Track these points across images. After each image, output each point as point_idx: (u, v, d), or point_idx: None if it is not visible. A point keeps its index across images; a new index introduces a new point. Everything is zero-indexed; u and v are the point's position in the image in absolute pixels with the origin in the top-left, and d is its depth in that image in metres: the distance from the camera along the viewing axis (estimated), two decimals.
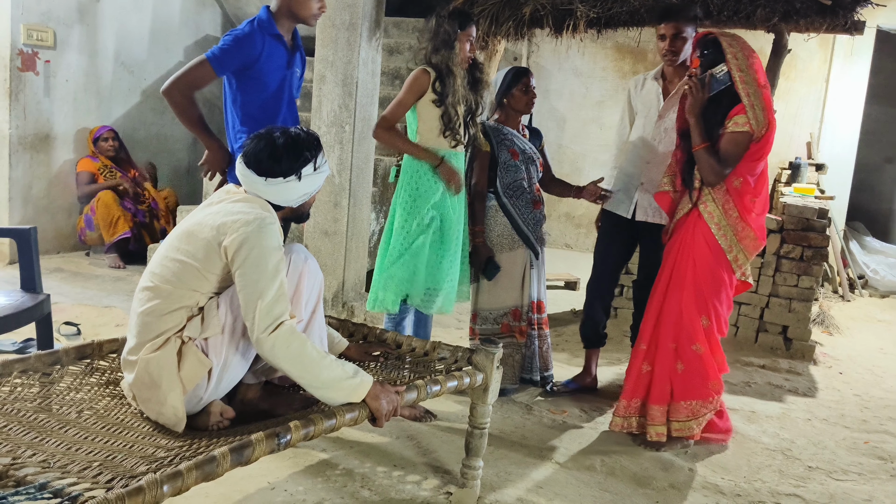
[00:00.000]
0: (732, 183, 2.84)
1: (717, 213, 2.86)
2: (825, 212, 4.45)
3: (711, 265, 2.89)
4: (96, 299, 4.50)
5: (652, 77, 3.37)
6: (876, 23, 6.21)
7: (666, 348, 2.97)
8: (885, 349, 4.91)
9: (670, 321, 2.96)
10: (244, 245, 1.98)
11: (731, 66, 2.79)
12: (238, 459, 1.66)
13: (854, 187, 6.84)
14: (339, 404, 1.99)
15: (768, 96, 2.82)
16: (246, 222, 2.01)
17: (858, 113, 6.66)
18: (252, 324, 1.95)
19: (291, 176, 2.12)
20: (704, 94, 2.83)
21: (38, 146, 5.31)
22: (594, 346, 3.64)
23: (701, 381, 2.95)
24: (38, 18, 5.14)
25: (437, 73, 3.06)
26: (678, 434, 2.99)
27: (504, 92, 3.36)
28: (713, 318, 2.93)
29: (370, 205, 4.40)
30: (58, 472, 1.62)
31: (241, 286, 1.98)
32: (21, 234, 3.17)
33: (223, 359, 2.06)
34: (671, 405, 2.99)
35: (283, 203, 2.17)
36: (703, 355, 2.93)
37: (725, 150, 2.81)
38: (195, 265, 2.03)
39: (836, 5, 3.77)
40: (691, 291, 2.92)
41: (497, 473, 2.68)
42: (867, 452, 3.19)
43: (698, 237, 2.89)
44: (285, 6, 2.86)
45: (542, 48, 7.37)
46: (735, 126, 2.80)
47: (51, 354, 2.24)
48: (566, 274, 5.95)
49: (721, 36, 2.84)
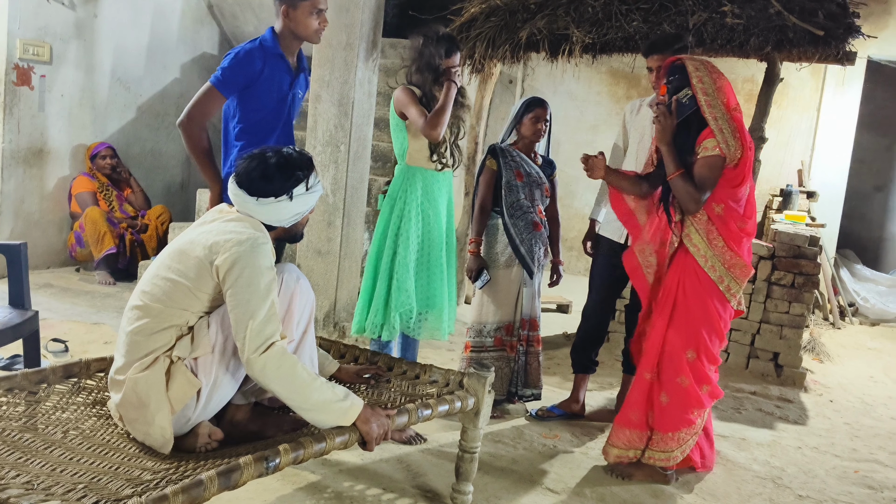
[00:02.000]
0: (714, 210, 2.78)
1: (702, 244, 2.79)
2: (816, 239, 4.47)
3: (702, 297, 2.82)
4: (85, 316, 4.47)
5: (648, 103, 3.40)
6: (867, 53, 6.29)
7: (659, 378, 2.92)
8: (876, 377, 4.92)
9: (661, 353, 2.90)
10: (236, 265, 1.97)
11: (696, 90, 2.74)
12: (225, 483, 1.65)
13: (845, 215, 6.88)
14: (329, 427, 1.97)
15: (739, 119, 2.77)
16: (238, 242, 2.00)
17: (849, 141, 6.72)
18: (243, 344, 1.94)
19: (283, 196, 2.12)
20: (672, 121, 2.79)
21: (32, 161, 5.29)
22: (585, 372, 3.61)
23: (686, 410, 2.88)
24: (35, 33, 5.14)
25: (420, 90, 3.08)
26: (660, 463, 2.91)
27: (517, 118, 3.49)
28: (701, 351, 2.85)
29: (364, 225, 4.39)
30: (42, 493, 1.60)
31: (232, 306, 1.97)
32: (10, 250, 3.14)
33: (213, 379, 2.04)
34: (661, 435, 2.91)
35: (275, 223, 2.17)
36: (689, 388, 2.86)
37: (699, 174, 2.75)
38: (186, 284, 2.02)
39: (828, 36, 3.82)
40: (680, 324, 2.85)
41: (487, 498, 2.65)
42: (857, 482, 3.18)
43: (688, 270, 2.84)
44: (287, 26, 2.87)
45: (538, 72, 7.43)
46: (705, 151, 2.75)
47: (37, 373, 2.22)
48: (558, 297, 5.94)
49: (688, 61, 2.80)
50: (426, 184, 3.17)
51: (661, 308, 2.92)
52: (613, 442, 2.99)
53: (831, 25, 3.82)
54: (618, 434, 2.98)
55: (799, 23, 3.80)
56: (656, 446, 2.91)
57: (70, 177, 5.54)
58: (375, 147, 5.21)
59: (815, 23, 3.80)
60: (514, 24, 4.37)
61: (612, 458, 3.00)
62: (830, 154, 6.76)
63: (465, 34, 4.55)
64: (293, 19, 2.84)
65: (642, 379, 2.94)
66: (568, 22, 4.20)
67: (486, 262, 3.43)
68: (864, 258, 7.34)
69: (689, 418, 2.89)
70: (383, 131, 5.67)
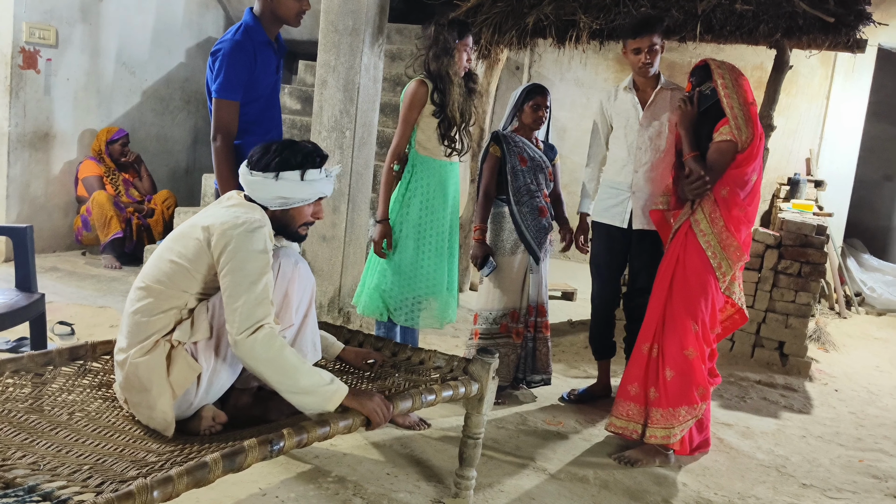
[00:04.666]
0: (720, 192, 2.96)
1: (703, 221, 2.97)
2: (823, 228, 4.45)
3: (700, 272, 2.97)
4: (91, 299, 4.48)
5: (623, 88, 3.46)
6: (877, 41, 6.22)
7: (662, 353, 3.00)
8: (881, 367, 4.90)
9: (657, 326, 3.03)
10: (228, 246, 1.98)
11: (717, 83, 2.99)
12: (230, 466, 1.65)
13: (853, 204, 6.84)
14: (313, 412, 1.97)
15: (755, 112, 3.00)
16: (234, 225, 2.02)
17: (858, 130, 6.67)
18: (231, 325, 1.94)
19: (270, 173, 2.11)
20: (693, 110, 3.05)
21: (38, 144, 5.30)
22: (605, 357, 3.66)
23: (690, 386, 2.96)
24: (41, 17, 5.13)
25: (434, 82, 3.07)
26: (660, 441, 2.97)
27: (518, 106, 3.49)
28: (700, 324, 2.98)
29: (369, 210, 4.39)
30: (47, 474, 1.61)
31: (224, 287, 1.98)
32: (17, 233, 3.15)
33: (212, 363, 2.05)
34: (661, 411, 2.98)
35: (259, 201, 2.16)
36: (694, 361, 2.96)
37: (711, 158, 2.97)
38: (185, 265, 2.04)
39: (838, 23, 3.78)
40: (682, 297, 2.98)
41: (490, 484, 2.66)
42: (862, 471, 3.18)
43: (689, 245, 2.99)
44: (267, 7, 2.81)
45: (545, 58, 7.38)
46: (720, 136, 2.97)
47: (44, 355, 2.23)
48: (563, 284, 5.93)
49: (711, 62, 3.05)
50: (433, 172, 3.16)
51: (659, 282, 3.07)
52: (614, 412, 3.11)
53: (842, 12, 3.78)
54: (617, 405, 3.10)
55: (809, 9, 3.76)
56: (657, 423, 2.98)
57: (76, 161, 5.54)
58: (381, 133, 5.19)
59: (825, 9, 3.77)
60: (520, 9, 4.34)
61: (612, 429, 3.10)
62: (839, 143, 6.71)
63: (471, 20, 4.51)
64: (275, 0, 2.78)
65: (640, 352, 3.07)
66: (575, 7, 4.16)
67: (491, 250, 3.43)
68: (872, 248, 7.30)
69: (693, 396, 2.96)
70: (389, 117, 5.64)
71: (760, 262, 4.46)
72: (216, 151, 2.76)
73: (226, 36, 2.79)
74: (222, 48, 2.74)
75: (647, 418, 3.02)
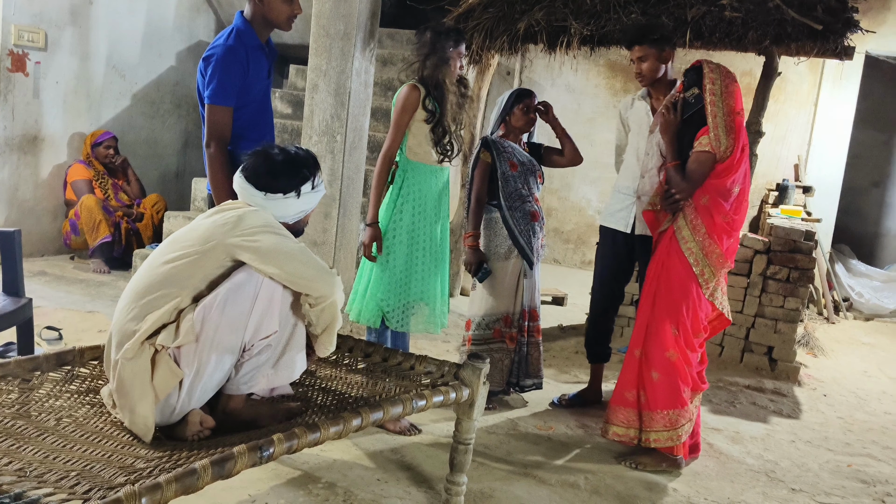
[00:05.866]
0: (700, 200, 2.95)
1: (685, 229, 2.96)
2: (812, 234, 4.47)
3: (683, 278, 2.96)
4: (80, 304, 4.45)
5: (639, 97, 3.47)
6: (865, 48, 6.28)
7: (643, 356, 3.02)
8: (869, 372, 4.93)
9: (645, 330, 3.03)
10: (261, 238, 2.05)
11: (705, 89, 2.93)
12: (219, 472, 1.64)
13: (841, 210, 6.89)
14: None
15: (740, 122, 2.94)
16: (256, 222, 2.10)
17: (846, 137, 6.72)
18: (318, 292, 2.10)
19: (291, 193, 2.19)
20: (676, 117, 3.02)
21: (26, 148, 5.27)
22: (599, 362, 3.66)
23: (677, 387, 2.96)
24: (30, 19, 5.10)
25: (426, 88, 3.07)
26: (665, 445, 2.97)
27: (506, 110, 3.49)
28: (681, 329, 2.97)
29: (360, 215, 4.38)
30: (34, 481, 1.59)
31: (285, 280, 2.07)
32: (5, 237, 3.13)
33: (195, 368, 2.03)
34: (652, 414, 2.99)
35: (280, 219, 2.20)
36: (677, 362, 2.96)
37: (689, 167, 2.97)
38: (193, 256, 2.05)
39: (826, 30, 3.81)
40: (664, 301, 2.98)
41: (481, 489, 2.66)
42: (850, 476, 3.19)
43: (672, 251, 2.99)
44: (258, 11, 2.79)
45: (536, 64, 7.40)
46: (699, 146, 2.95)
47: (31, 360, 2.21)
48: (554, 289, 5.94)
49: (706, 64, 2.98)
50: (425, 178, 3.16)
51: (646, 286, 3.08)
52: (611, 419, 3.09)
53: (830, 20, 3.81)
54: (615, 412, 3.08)
55: (797, 17, 3.79)
56: (650, 427, 2.98)
57: (65, 164, 5.51)
58: (372, 137, 5.19)
59: (813, 17, 3.80)
60: (512, 15, 4.35)
61: (610, 436, 3.08)
62: (827, 149, 6.76)
63: (462, 25, 4.52)
64: (266, 4, 2.76)
65: (632, 356, 3.07)
66: (566, 14, 4.18)
67: (485, 256, 3.42)
68: (860, 253, 7.35)
69: (683, 398, 2.96)
70: (380, 121, 5.65)
71: (749, 268, 4.49)
72: (210, 158, 2.74)
73: (217, 41, 2.77)
74: (215, 53, 2.72)
75: (641, 422, 3.02)
